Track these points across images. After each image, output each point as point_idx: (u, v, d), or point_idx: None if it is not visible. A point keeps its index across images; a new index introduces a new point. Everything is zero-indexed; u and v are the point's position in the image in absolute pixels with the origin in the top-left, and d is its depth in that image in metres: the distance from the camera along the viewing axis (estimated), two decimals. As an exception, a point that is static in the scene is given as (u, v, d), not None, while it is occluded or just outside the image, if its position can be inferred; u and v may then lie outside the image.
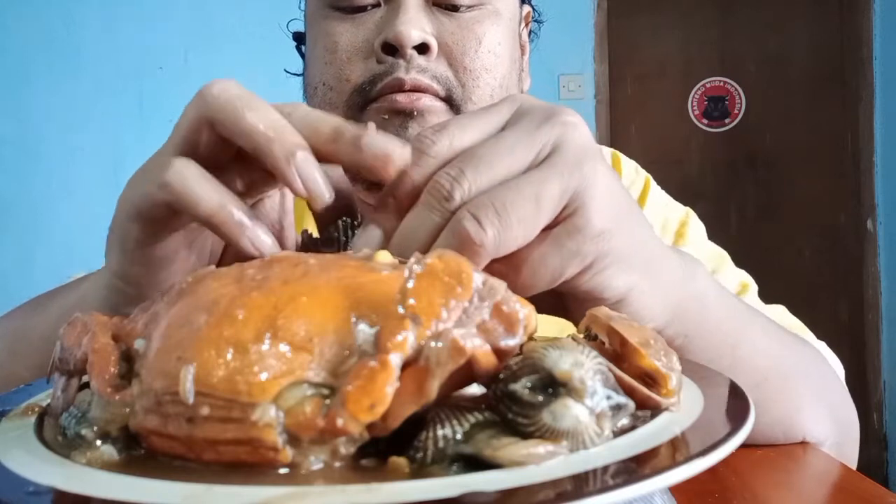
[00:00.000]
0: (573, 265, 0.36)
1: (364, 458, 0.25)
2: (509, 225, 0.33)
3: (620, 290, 0.38)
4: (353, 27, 0.66)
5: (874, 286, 2.97)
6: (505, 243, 0.34)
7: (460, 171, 0.34)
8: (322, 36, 0.68)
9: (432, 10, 0.66)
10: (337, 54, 0.67)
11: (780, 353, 0.54)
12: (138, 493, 0.22)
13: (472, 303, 0.26)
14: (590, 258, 0.36)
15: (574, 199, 0.35)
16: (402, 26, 0.62)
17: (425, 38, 0.64)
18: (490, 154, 0.35)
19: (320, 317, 0.26)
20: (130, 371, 0.28)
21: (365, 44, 0.66)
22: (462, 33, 0.66)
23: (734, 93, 2.99)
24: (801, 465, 0.52)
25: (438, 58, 0.66)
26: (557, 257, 0.35)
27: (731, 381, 0.33)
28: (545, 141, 0.36)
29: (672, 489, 0.38)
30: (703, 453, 0.24)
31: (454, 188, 0.34)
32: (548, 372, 0.26)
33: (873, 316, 2.96)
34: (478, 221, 0.33)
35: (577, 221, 0.35)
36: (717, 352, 0.47)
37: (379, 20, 0.66)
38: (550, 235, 0.35)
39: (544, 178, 0.34)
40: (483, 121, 0.37)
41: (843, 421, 0.60)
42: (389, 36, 0.63)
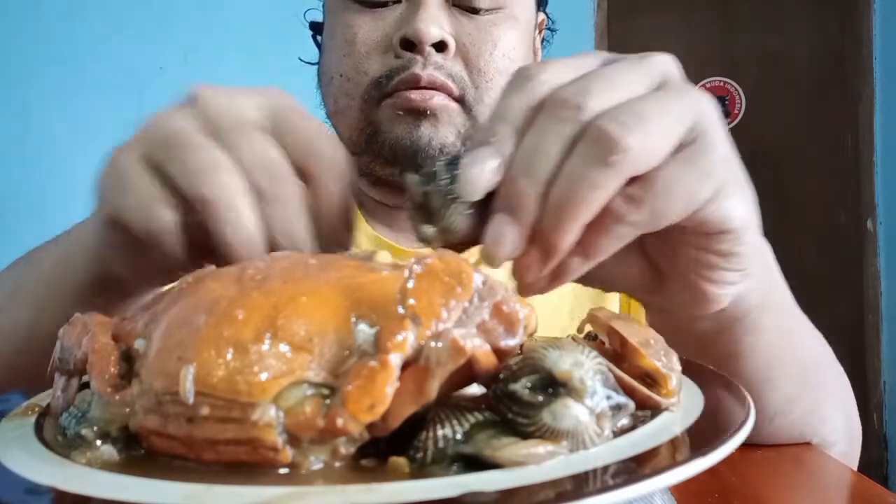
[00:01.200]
0: (707, 187, 0.33)
1: (364, 458, 0.25)
2: (650, 132, 0.31)
3: (743, 219, 0.36)
4: (372, 21, 0.68)
5: (874, 286, 2.97)
6: (648, 154, 0.31)
7: (585, 86, 0.32)
8: (341, 27, 0.69)
9: (452, 10, 0.68)
10: (356, 46, 0.68)
11: (817, 347, 0.55)
12: (138, 493, 0.22)
13: (473, 303, 0.26)
14: (720, 180, 0.34)
15: (698, 123, 0.33)
16: (422, 23, 0.64)
17: (444, 37, 0.65)
18: (607, 75, 0.33)
19: (320, 317, 0.26)
20: (130, 371, 0.28)
21: (384, 38, 0.67)
22: (479, 35, 0.68)
23: (734, 93, 2.99)
24: (802, 464, 0.52)
25: (455, 57, 0.67)
26: (693, 178, 0.33)
27: (731, 382, 0.33)
28: (653, 72, 0.34)
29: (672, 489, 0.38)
30: (703, 453, 0.24)
31: (584, 98, 0.31)
32: (548, 372, 0.26)
33: (873, 316, 2.95)
34: (621, 124, 0.30)
35: (706, 142, 0.33)
36: (776, 334, 0.47)
37: (399, 16, 0.67)
38: (681, 158, 0.33)
39: (671, 97, 0.33)
40: (578, 62, 0.35)
41: (853, 431, 0.60)
42: (409, 32, 0.64)
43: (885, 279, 2.96)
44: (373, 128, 0.68)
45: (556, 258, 0.32)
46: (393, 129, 0.67)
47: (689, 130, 0.33)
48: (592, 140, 0.31)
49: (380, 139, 0.68)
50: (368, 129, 0.68)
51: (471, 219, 0.32)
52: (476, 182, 0.32)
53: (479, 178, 0.32)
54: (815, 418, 0.54)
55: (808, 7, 3.01)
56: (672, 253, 0.38)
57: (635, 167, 0.31)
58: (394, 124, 0.67)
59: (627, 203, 0.32)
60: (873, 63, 2.96)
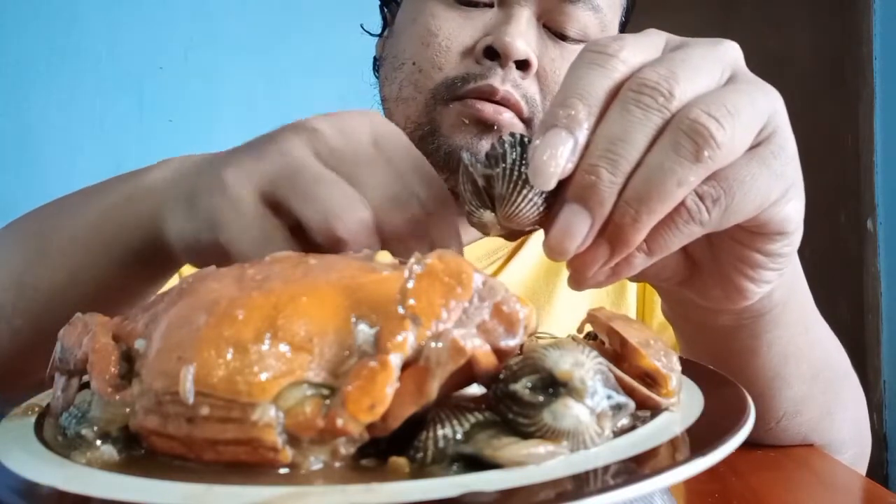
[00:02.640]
0: (778, 187, 0.32)
1: (364, 458, 0.25)
2: (741, 128, 0.29)
3: (798, 221, 0.34)
4: (460, 18, 0.65)
5: (874, 286, 2.97)
6: (734, 150, 0.30)
7: (672, 71, 0.30)
8: (426, 15, 0.67)
9: (540, 30, 0.66)
10: (437, 39, 0.65)
11: (835, 355, 0.54)
12: (138, 493, 0.22)
13: (473, 303, 0.26)
14: (790, 181, 0.32)
15: (773, 118, 0.32)
16: (511, 37, 0.62)
17: (529, 55, 0.63)
18: (690, 61, 0.31)
19: (320, 317, 0.25)
20: (131, 371, 0.28)
21: (468, 40, 0.65)
22: (562, 63, 0.65)
23: (734, 93, 2.98)
24: (802, 465, 0.52)
25: (532, 78, 0.65)
26: (767, 177, 0.31)
27: (731, 382, 0.33)
28: (726, 61, 0.32)
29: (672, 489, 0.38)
30: (703, 453, 0.24)
31: (673, 86, 0.29)
32: (548, 372, 0.26)
33: (873, 316, 2.95)
34: (716, 119, 0.29)
35: (780, 141, 0.32)
36: (796, 330, 0.47)
37: (488, 21, 0.65)
38: (756, 155, 0.31)
39: (752, 90, 0.31)
40: (650, 41, 0.32)
41: (862, 441, 0.60)
42: (496, 42, 0.62)
43: (885, 279, 2.96)
44: (432, 126, 0.65)
45: (624, 254, 0.31)
46: (453, 136, 0.64)
47: (765, 126, 0.31)
48: (684, 132, 0.29)
49: (436, 141, 0.65)
50: (427, 126, 0.66)
51: (538, 208, 0.30)
52: (549, 170, 0.29)
53: (552, 166, 0.29)
54: (823, 424, 0.54)
55: (808, 7, 3.00)
56: (716, 248, 0.37)
57: (722, 163, 0.30)
58: (455, 131, 0.64)
59: (701, 200, 0.30)
60: (873, 63, 2.96)
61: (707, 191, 0.30)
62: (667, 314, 0.48)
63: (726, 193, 0.30)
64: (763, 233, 0.34)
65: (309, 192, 0.36)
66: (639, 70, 0.30)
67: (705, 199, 0.30)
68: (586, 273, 0.31)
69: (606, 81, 0.30)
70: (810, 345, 0.49)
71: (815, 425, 0.53)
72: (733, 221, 0.32)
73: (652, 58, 0.31)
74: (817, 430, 0.54)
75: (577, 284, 0.33)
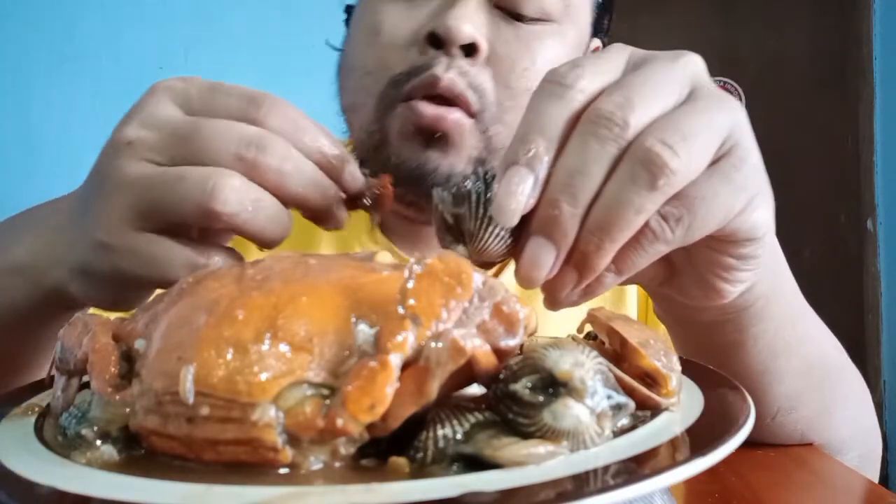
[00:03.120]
0: (742, 199, 0.33)
1: (364, 458, 0.25)
2: (696, 151, 0.30)
3: (767, 227, 0.36)
4: (405, 11, 0.61)
5: (874, 286, 2.97)
6: (691, 173, 0.31)
7: (627, 99, 0.30)
8: (369, 14, 0.63)
9: (493, 12, 0.60)
10: (380, 37, 0.61)
11: (827, 345, 0.54)
12: (138, 493, 0.22)
13: (473, 303, 0.26)
14: (753, 191, 0.33)
15: (733, 131, 0.32)
16: (454, 20, 0.57)
17: (475, 38, 0.58)
18: (648, 84, 0.31)
19: (320, 317, 0.25)
20: (131, 371, 0.28)
21: (412, 31, 0.60)
22: (517, 45, 0.60)
23: (734, 93, 2.98)
24: (802, 465, 0.51)
25: (484, 65, 0.59)
26: (728, 192, 0.32)
27: (731, 382, 0.33)
28: (686, 77, 0.33)
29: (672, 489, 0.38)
30: (703, 453, 0.24)
31: (628, 114, 0.30)
32: (548, 372, 0.26)
33: (873, 316, 2.95)
34: (669, 147, 0.29)
35: (741, 153, 0.32)
36: (782, 323, 0.47)
37: (434, 9, 0.60)
38: (717, 170, 0.32)
39: (710, 107, 0.32)
40: (609, 63, 0.33)
41: (867, 439, 0.59)
42: (438, 27, 0.58)
43: (885, 279, 2.96)
44: (381, 135, 0.61)
45: (591, 278, 0.32)
46: (401, 148, 0.60)
47: (724, 142, 0.32)
48: (639, 162, 0.30)
49: (386, 152, 0.61)
50: (377, 134, 0.62)
51: (505, 242, 0.32)
52: (511, 208, 0.30)
53: (514, 204, 0.30)
54: (821, 422, 0.54)
55: (808, 7, 3.00)
56: (691, 253, 0.38)
57: (679, 188, 0.31)
58: (401, 140, 0.60)
59: (664, 221, 0.31)
60: (873, 63, 2.96)
61: (669, 211, 0.31)
62: (656, 312, 0.49)
63: (689, 212, 0.31)
64: (733, 240, 0.35)
65: (167, 196, 0.37)
66: (596, 99, 0.31)
67: (668, 219, 0.31)
68: (558, 296, 0.32)
69: (565, 113, 0.31)
70: (799, 339, 0.50)
71: (813, 422, 0.53)
72: (699, 236, 0.32)
73: (611, 81, 0.32)
74: (815, 427, 0.54)
75: (551, 306, 0.34)
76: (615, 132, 0.30)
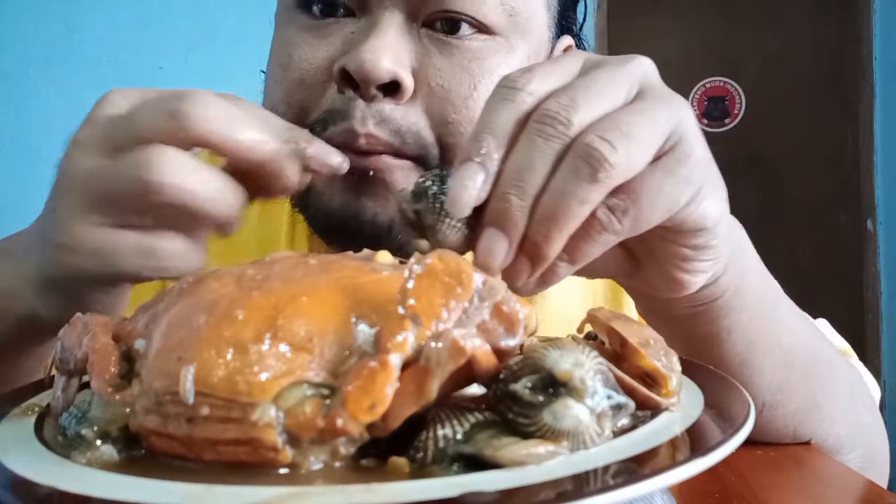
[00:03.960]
0: (687, 191, 0.35)
1: (364, 458, 0.25)
2: (635, 146, 0.32)
3: (717, 217, 0.38)
4: (314, 39, 0.51)
5: (874, 286, 2.97)
6: (632, 167, 0.33)
7: (572, 99, 0.33)
8: (278, 45, 0.54)
9: (419, 35, 0.50)
10: (288, 72, 0.52)
11: (809, 337, 0.54)
12: (138, 493, 0.22)
13: (473, 303, 0.26)
14: (698, 184, 0.36)
15: (676, 130, 0.35)
16: (368, 54, 0.47)
17: (396, 75, 0.48)
18: (592, 86, 0.34)
19: (320, 317, 0.26)
20: (131, 371, 0.28)
21: (325, 63, 0.50)
22: (451, 72, 0.50)
23: (734, 93, 2.99)
24: (802, 465, 0.51)
25: (412, 101, 0.50)
26: (673, 185, 0.35)
27: (731, 382, 0.33)
28: (634, 78, 0.35)
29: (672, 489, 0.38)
30: (703, 453, 0.24)
31: (571, 114, 0.33)
32: (548, 372, 0.26)
33: (873, 316, 2.95)
34: (608, 142, 0.32)
35: (685, 148, 0.35)
36: (756, 314, 0.48)
37: (349, 35, 0.50)
38: (660, 165, 0.34)
39: (653, 107, 0.34)
40: (562, 67, 0.36)
41: (868, 439, 0.58)
42: (350, 65, 0.47)
43: (885, 279, 2.96)
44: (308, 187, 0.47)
45: (544, 266, 0.34)
46: (329, 195, 0.51)
47: (668, 138, 0.34)
48: (580, 157, 0.32)
49: (314, 202, 0.52)
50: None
51: (462, 232, 0.34)
52: (463, 200, 0.32)
53: (466, 196, 0.32)
54: (811, 417, 0.53)
55: (808, 7, 3.01)
56: (649, 245, 0.40)
57: (620, 180, 0.33)
58: (329, 186, 0.50)
59: (611, 212, 0.34)
60: (873, 63, 2.96)
61: (616, 203, 0.34)
62: (637, 309, 0.50)
63: (634, 204, 0.34)
64: (683, 230, 0.37)
65: (111, 182, 0.37)
66: (544, 100, 0.33)
67: (615, 210, 0.34)
68: (515, 285, 0.34)
69: (514, 114, 0.33)
70: (776, 331, 0.50)
71: (803, 417, 0.53)
72: (647, 227, 0.35)
73: (561, 84, 0.34)
74: (806, 423, 0.53)
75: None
76: (559, 130, 0.32)
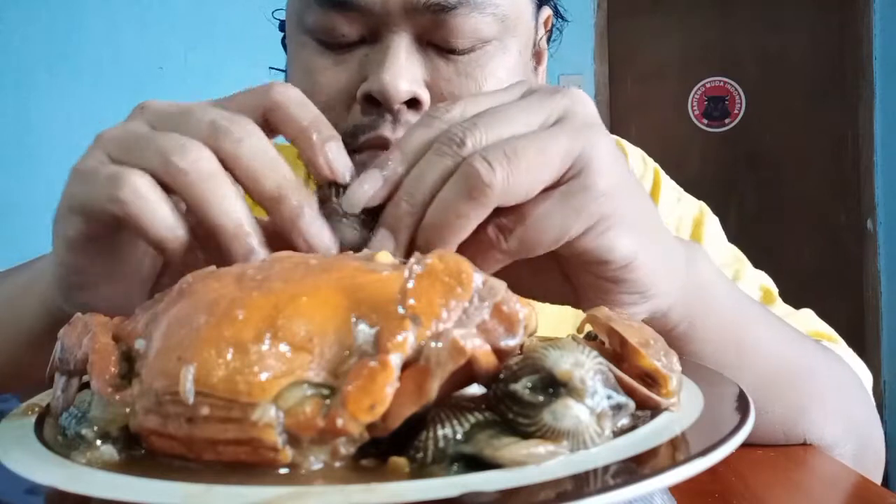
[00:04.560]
0: (578, 223, 0.36)
1: (364, 458, 0.25)
2: (518, 171, 0.34)
3: (626, 251, 0.38)
4: (334, 66, 0.57)
5: (874, 286, 2.97)
6: (512, 189, 0.34)
7: (473, 123, 0.36)
8: (299, 68, 0.60)
9: (426, 51, 0.56)
10: (315, 96, 0.56)
11: (788, 352, 0.53)
12: (138, 493, 0.22)
13: (472, 303, 0.26)
14: (594, 218, 0.37)
15: (579, 160, 0.36)
16: (388, 77, 0.53)
17: (415, 93, 0.54)
18: (502, 113, 0.36)
19: (320, 317, 0.25)
20: (131, 371, 0.28)
21: (348, 87, 0.57)
22: (459, 80, 0.57)
23: (734, 93, 2.99)
24: (802, 465, 0.52)
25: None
26: (562, 214, 0.36)
27: (731, 382, 0.33)
28: (554, 108, 0.37)
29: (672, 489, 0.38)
30: (703, 453, 0.24)
31: (466, 136, 0.35)
32: (548, 372, 0.26)
33: (873, 316, 2.95)
34: (488, 163, 0.34)
35: (582, 181, 0.36)
36: (721, 344, 0.47)
37: (363, 58, 0.56)
38: (556, 193, 0.36)
39: (553, 135, 0.36)
40: (495, 97, 0.38)
41: (862, 431, 0.59)
42: (374, 88, 0.54)
43: (885, 279, 2.96)
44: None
45: None
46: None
47: (570, 166, 0.36)
48: (461, 175, 0.34)
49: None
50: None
51: (357, 231, 0.37)
52: (356, 197, 0.36)
53: (359, 194, 0.36)
54: (799, 423, 0.53)
55: (808, 7, 3.01)
56: (575, 276, 0.41)
57: (501, 200, 0.34)
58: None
59: (499, 232, 0.36)
60: (873, 63, 2.96)
61: (504, 223, 0.36)
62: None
63: (520, 226, 0.36)
64: (588, 261, 0.38)
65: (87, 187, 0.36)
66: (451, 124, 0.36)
67: (503, 230, 0.36)
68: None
69: (424, 135, 0.37)
70: (748, 359, 0.49)
71: (790, 423, 0.53)
72: (536, 251, 0.37)
73: (481, 110, 0.37)
74: (796, 428, 0.53)
75: None
76: (452, 149, 0.35)
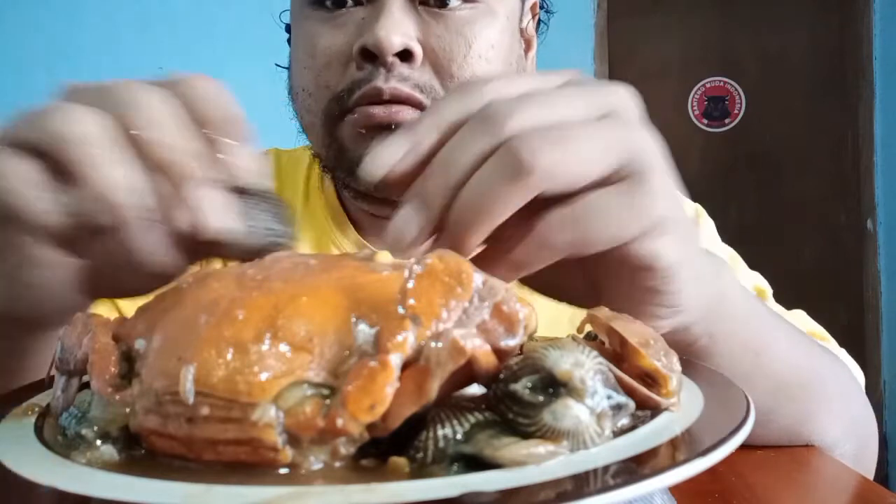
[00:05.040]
0: (639, 223, 0.34)
1: (364, 458, 0.25)
2: (566, 158, 0.31)
3: (671, 260, 0.36)
4: (332, 29, 0.62)
5: (874, 286, 2.97)
6: (559, 177, 0.32)
7: (516, 104, 0.32)
8: (302, 38, 0.65)
9: (418, 10, 0.61)
10: (315, 59, 0.63)
11: (801, 362, 0.53)
12: (138, 493, 0.22)
13: (473, 303, 0.26)
14: (652, 221, 0.34)
15: (636, 158, 0.33)
16: (383, 31, 0.57)
17: (408, 45, 0.59)
18: (550, 97, 0.33)
19: (320, 317, 0.25)
20: (131, 371, 0.28)
21: (345, 47, 0.61)
22: (449, 37, 0.61)
23: (734, 93, 2.99)
24: (802, 465, 0.52)
25: (423, 65, 0.61)
26: (626, 211, 0.33)
27: (731, 382, 0.33)
28: (604, 102, 0.34)
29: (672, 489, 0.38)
30: (703, 453, 0.24)
31: (511, 114, 0.32)
32: (548, 372, 0.26)
33: (873, 316, 2.95)
34: (534, 146, 0.31)
35: (641, 180, 0.33)
36: (740, 357, 0.46)
37: (360, 21, 0.61)
38: (612, 190, 0.33)
39: (608, 127, 0.33)
40: (532, 81, 0.35)
41: (861, 431, 0.59)
42: (369, 42, 0.58)
43: (885, 279, 2.96)
44: (338, 145, 0.64)
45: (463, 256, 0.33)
46: (357, 149, 0.62)
47: (622, 164, 0.33)
48: (501, 156, 0.31)
49: (347, 157, 0.63)
50: (334, 145, 0.64)
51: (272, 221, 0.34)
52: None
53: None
54: (804, 428, 0.53)
55: (808, 7, 3.01)
56: (604, 280, 0.38)
57: (546, 186, 0.32)
58: (357, 142, 0.62)
59: (552, 225, 0.33)
60: (873, 63, 2.96)
61: (556, 217, 0.33)
62: None
63: (574, 221, 0.33)
64: (631, 266, 0.36)
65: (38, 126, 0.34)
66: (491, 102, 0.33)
67: (555, 224, 0.33)
68: None
69: (460, 108, 0.33)
70: (761, 366, 0.48)
71: (794, 428, 0.53)
72: (590, 249, 0.34)
73: (521, 92, 0.34)
74: (801, 431, 0.53)
75: None
76: (490, 128, 0.32)
